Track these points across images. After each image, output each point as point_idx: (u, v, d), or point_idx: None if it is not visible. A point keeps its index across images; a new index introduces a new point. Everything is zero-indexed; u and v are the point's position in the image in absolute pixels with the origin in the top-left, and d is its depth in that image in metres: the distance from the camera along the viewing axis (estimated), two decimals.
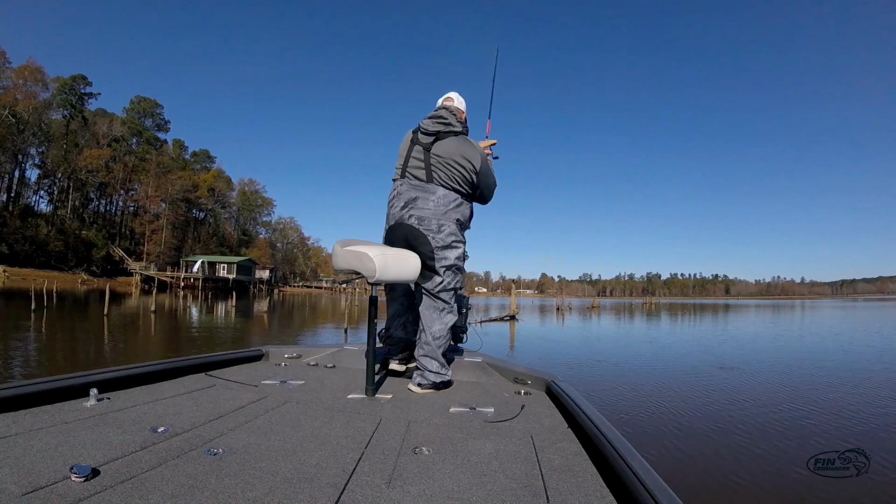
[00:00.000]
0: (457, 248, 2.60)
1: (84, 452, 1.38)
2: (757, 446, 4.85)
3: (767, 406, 6.60)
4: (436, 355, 2.54)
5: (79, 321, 17.42)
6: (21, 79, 58.84)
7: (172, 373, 2.50)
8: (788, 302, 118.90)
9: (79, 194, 68.26)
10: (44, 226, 59.88)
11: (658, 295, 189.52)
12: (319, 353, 3.33)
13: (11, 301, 24.64)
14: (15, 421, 1.62)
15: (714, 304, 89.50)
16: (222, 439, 1.59)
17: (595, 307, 47.72)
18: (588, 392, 6.87)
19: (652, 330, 22.53)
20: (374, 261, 2.22)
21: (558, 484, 1.37)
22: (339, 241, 2.45)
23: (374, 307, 2.39)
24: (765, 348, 14.35)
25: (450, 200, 2.57)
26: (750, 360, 11.43)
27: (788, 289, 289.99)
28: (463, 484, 1.34)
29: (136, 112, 77.85)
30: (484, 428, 1.91)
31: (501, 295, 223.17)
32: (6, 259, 51.50)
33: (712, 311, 47.70)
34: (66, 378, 1.99)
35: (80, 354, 10.03)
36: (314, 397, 2.28)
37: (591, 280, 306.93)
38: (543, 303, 76.69)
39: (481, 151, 2.64)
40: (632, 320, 29.66)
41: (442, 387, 2.54)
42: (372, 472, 1.39)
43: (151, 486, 1.20)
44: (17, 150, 60.52)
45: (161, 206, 73.48)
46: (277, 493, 1.21)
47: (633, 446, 1.48)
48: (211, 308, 28.37)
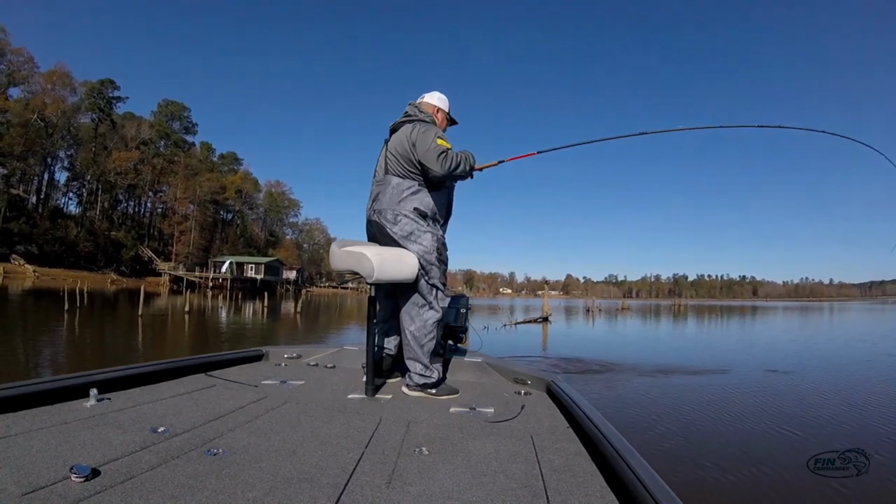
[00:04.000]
0: (420, 240, 2.52)
1: (84, 452, 1.38)
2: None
3: (828, 408, 6.35)
4: (417, 356, 2.48)
5: (114, 321, 17.30)
6: (50, 83, 59.53)
7: (172, 373, 2.49)
8: (817, 304, 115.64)
9: (108, 196, 69.32)
10: (73, 227, 60.65)
11: (685, 296, 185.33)
12: (319, 354, 3.32)
13: (42, 301, 24.38)
14: (15, 421, 1.62)
15: (742, 305, 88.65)
16: (222, 439, 1.59)
17: (625, 308, 46.97)
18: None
19: (689, 331, 22.65)
20: (371, 261, 2.24)
21: (558, 484, 1.38)
22: (336, 242, 2.54)
23: (374, 307, 2.44)
24: (810, 351, 13.95)
25: (403, 189, 2.55)
26: (800, 362, 11.06)
27: (817, 290, 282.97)
28: (463, 484, 1.35)
29: (163, 115, 78.33)
30: (484, 428, 1.92)
31: (526, 296, 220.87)
32: (36, 259, 52.05)
33: (740, 312, 47.30)
34: (66, 378, 2.00)
35: (122, 353, 9.74)
36: (314, 397, 2.29)
37: (616, 281, 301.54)
38: (569, 304, 75.90)
39: (431, 131, 2.54)
40: (667, 322, 29.23)
41: (430, 388, 2.46)
42: (372, 472, 1.40)
43: (151, 486, 1.21)
44: (47, 153, 61.30)
45: (189, 207, 74.16)
46: (277, 493, 1.22)
47: (634, 446, 1.47)
48: (242, 308, 28.48)
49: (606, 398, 6.70)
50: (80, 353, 9.55)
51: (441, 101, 2.81)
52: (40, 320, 15.37)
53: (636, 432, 5.01)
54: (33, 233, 54.49)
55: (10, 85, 57.29)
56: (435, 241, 2.55)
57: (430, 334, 2.52)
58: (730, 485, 3.82)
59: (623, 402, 6.45)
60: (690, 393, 7.27)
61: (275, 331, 17.07)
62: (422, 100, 2.80)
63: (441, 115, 2.80)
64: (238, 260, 69.43)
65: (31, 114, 56.33)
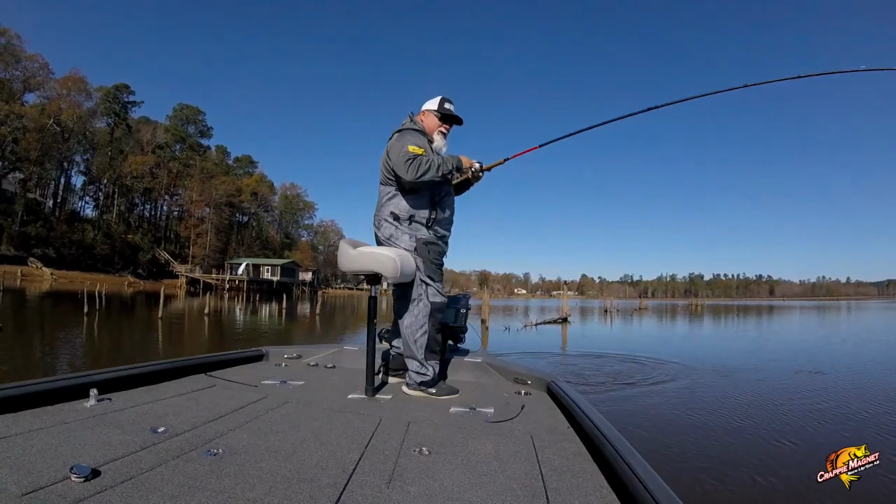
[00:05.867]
0: (398, 241, 2.59)
1: (84, 453, 1.38)
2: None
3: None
4: (412, 354, 2.53)
5: (135, 323, 17.35)
6: (65, 89, 59.78)
7: (172, 373, 2.50)
8: (834, 303, 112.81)
9: (124, 199, 69.67)
10: (90, 230, 60.82)
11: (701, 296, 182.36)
12: (319, 354, 3.33)
13: (61, 303, 24.48)
14: (15, 421, 1.62)
15: (758, 305, 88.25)
16: (222, 439, 1.59)
17: (643, 309, 46.66)
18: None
19: (713, 331, 22.61)
20: (395, 261, 2.32)
21: (558, 484, 1.38)
22: (346, 241, 2.60)
23: (374, 307, 2.45)
24: (844, 351, 13.68)
25: (383, 195, 2.66)
26: (836, 363, 10.71)
27: (834, 289, 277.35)
28: (463, 484, 1.35)
29: (178, 119, 78.72)
30: (484, 428, 1.92)
31: (541, 297, 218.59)
32: (53, 262, 52.15)
33: (757, 312, 47.15)
34: (67, 378, 2.01)
35: (149, 356, 9.29)
36: (314, 397, 2.30)
37: (632, 281, 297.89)
38: (584, 304, 74.93)
39: (406, 138, 2.61)
40: (686, 322, 29.17)
41: (429, 388, 2.50)
42: (372, 472, 1.40)
43: (151, 486, 1.21)
44: (63, 157, 61.66)
45: (205, 210, 74.47)
46: (277, 493, 1.22)
47: (634, 447, 1.48)
48: (259, 309, 28.82)
49: (639, 401, 6.53)
50: (106, 354, 9.55)
51: (429, 103, 2.81)
52: (61, 322, 15.24)
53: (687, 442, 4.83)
54: (50, 236, 54.65)
55: (26, 91, 57.63)
56: (413, 241, 2.58)
57: (422, 329, 2.53)
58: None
59: (667, 407, 6.19)
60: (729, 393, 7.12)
61: (295, 332, 17.13)
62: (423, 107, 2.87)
63: (427, 116, 2.79)
64: (254, 262, 69.71)
65: (47, 119, 56.51)
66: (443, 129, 2.80)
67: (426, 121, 2.77)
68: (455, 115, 2.82)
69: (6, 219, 50.91)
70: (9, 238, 50.35)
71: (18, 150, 54.33)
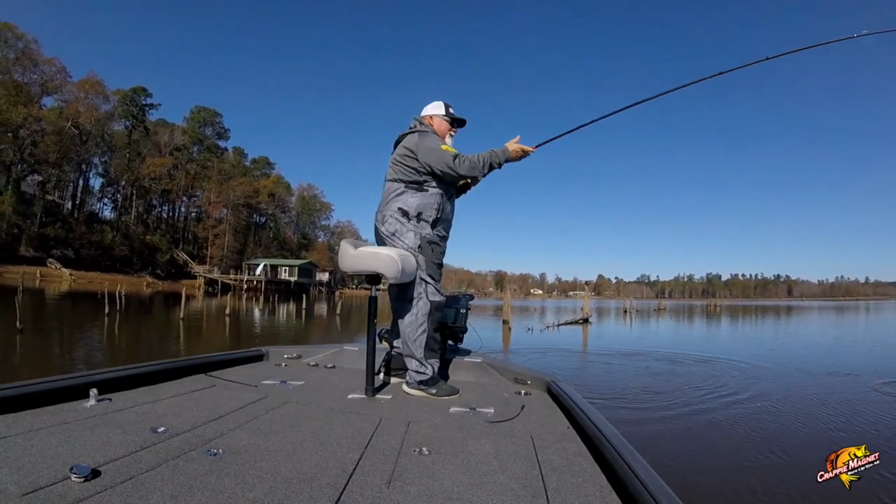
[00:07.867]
0: (403, 238, 2.59)
1: (84, 453, 1.38)
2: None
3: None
4: (411, 352, 2.52)
5: (156, 323, 17.28)
6: (83, 92, 60.02)
7: (172, 373, 2.49)
8: (853, 303, 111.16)
9: (142, 201, 70.03)
10: (109, 231, 61.03)
11: (718, 296, 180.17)
12: (319, 354, 3.32)
13: (80, 303, 24.53)
14: (15, 421, 1.61)
15: (777, 305, 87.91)
16: (222, 439, 1.59)
17: (661, 309, 47.14)
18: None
19: (734, 332, 22.77)
20: (398, 262, 2.30)
21: (558, 484, 1.38)
22: (346, 240, 2.56)
23: (374, 307, 2.43)
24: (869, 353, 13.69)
25: (391, 191, 2.66)
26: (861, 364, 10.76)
27: (853, 289, 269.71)
28: (463, 484, 1.35)
29: (196, 121, 79.00)
30: (484, 428, 1.92)
31: (557, 297, 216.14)
32: (72, 263, 52.33)
33: (775, 312, 47.54)
34: (67, 378, 2.00)
35: (176, 355, 9.03)
36: (314, 397, 2.29)
37: (649, 281, 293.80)
38: (601, 305, 73.31)
39: (432, 138, 2.66)
40: (704, 322, 29.52)
41: (429, 388, 2.48)
42: (372, 472, 1.40)
43: (151, 486, 1.21)
44: (81, 160, 61.95)
45: (223, 211, 74.81)
46: (277, 493, 1.22)
47: (634, 447, 1.48)
48: (278, 310, 29.09)
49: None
50: (130, 354, 9.53)
51: (433, 108, 2.85)
52: (81, 323, 15.25)
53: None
54: (69, 237, 54.92)
55: (44, 94, 57.95)
56: (418, 238, 2.58)
57: (421, 327, 2.52)
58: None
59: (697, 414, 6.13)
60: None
61: (316, 331, 17.35)
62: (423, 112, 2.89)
63: (436, 120, 2.82)
64: (272, 262, 69.92)
65: (65, 122, 56.80)
66: (452, 132, 2.87)
67: (436, 124, 2.81)
68: (461, 118, 2.90)
69: (25, 220, 51.10)
70: (28, 239, 50.60)
71: (37, 153, 54.60)
